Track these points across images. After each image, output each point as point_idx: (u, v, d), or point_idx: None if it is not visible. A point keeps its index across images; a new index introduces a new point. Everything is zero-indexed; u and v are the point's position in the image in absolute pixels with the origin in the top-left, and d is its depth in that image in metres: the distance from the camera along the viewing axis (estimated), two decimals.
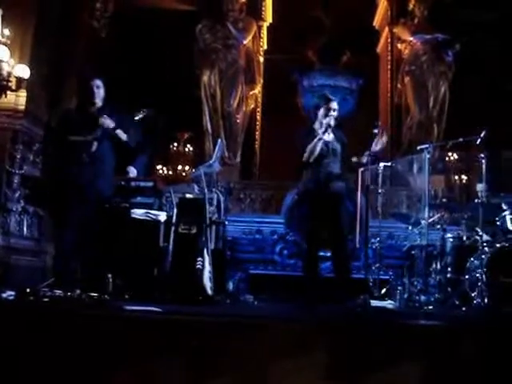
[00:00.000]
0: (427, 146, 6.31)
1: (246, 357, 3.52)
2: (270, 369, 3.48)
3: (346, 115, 5.85)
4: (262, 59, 10.67)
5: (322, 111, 6.06)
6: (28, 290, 4.97)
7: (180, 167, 11.43)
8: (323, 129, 5.96)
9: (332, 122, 5.98)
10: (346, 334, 3.66)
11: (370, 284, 6.78)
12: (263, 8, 10.68)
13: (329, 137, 6.01)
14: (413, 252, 6.75)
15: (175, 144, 11.67)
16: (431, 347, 3.55)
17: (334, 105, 6.06)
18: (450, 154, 9.76)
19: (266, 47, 10.86)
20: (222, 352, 3.54)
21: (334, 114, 6.02)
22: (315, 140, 5.92)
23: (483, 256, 6.11)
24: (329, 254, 6.07)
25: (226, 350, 3.56)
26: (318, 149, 5.91)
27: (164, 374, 3.48)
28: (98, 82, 5.93)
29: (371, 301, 5.74)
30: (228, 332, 3.66)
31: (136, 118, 5.99)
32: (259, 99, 10.57)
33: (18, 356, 3.51)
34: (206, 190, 6.29)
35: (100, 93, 5.91)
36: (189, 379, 3.48)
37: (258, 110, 10.58)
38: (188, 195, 6.45)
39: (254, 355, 3.53)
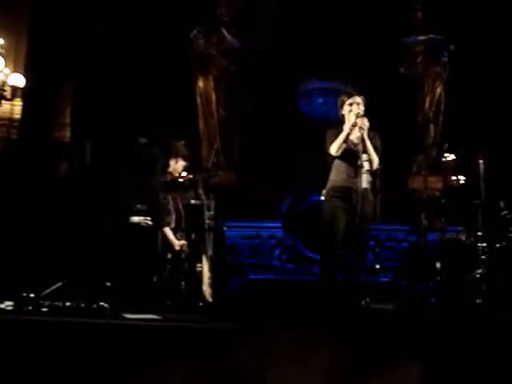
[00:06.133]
0: (424, 147, 6.31)
1: (246, 362, 3.51)
2: (269, 373, 3.47)
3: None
4: (257, 63, 10.63)
5: (345, 108, 5.63)
6: (27, 300, 4.95)
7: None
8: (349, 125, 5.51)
9: (359, 120, 5.46)
10: (345, 337, 3.64)
11: (370, 286, 6.78)
12: (257, 12, 10.64)
13: (354, 136, 5.56)
14: (412, 253, 6.73)
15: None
16: (431, 348, 3.54)
17: (356, 99, 5.61)
18: (446, 154, 9.76)
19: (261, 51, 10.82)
20: (222, 358, 3.52)
21: (358, 108, 5.54)
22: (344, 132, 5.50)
23: (483, 256, 6.11)
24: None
25: (226, 356, 3.54)
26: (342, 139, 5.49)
27: (164, 381, 3.46)
28: None
29: (372, 303, 5.73)
30: (228, 338, 3.65)
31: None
32: (255, 103, 10.53)
33: (17, 365, 3.49)
34: (203, 196, 6.28)
35: None
36: None
37: (255, 114, 10.54)
38: (186, 201, 6.44)
39: (253, 361, 3.51)
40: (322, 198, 5.71)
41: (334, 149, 5.54)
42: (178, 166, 6.48)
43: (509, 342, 3.53)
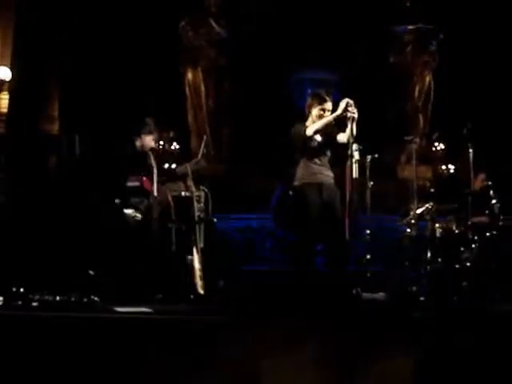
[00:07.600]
0: (413, 136, 6.30)
1: (239, 354, 3.51)
2: (262, 364, 3.47)
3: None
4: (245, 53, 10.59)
5: (315, 111, 5.69)
6: (17, 295, 4.92)
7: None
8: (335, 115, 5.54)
9: (350, 109, 5.45)
10: (337, 328, 3.64)
11: (361, 276, 6.78)
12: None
13: (320, 139, 5.69)
14: (403, 243, 6.74)
15: (161, 142, 11.58)
16: (423, 337, 3.55)
17: (329, 105, 5.66)
18: (436, 144, 9.78)
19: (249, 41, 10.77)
20: (214, 350, 3.52)
21: (328, 114, 5.61)
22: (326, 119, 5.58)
23: (473, 245, 6.12)
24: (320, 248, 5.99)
25: (219, 347, 3.54)
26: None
27: (156, 374, 3.46)
28: None
29: (363, 293, 5.73)
30: (220, 330, 3.64)
31: None
32: (243, 94, 10.50)
33: (7, 360, 3.48)
34: (193, 188, 6.25)
35: None
36: (180, 378, 3.46)
37: (244, 105, 10.50)
38: (175, 193, 6.41)
39: (246, 352, 3.51)
40: (291, 193, 5.83)
41: (312, 130, 5.61)
42: (147, 140, 6.44)
43: (500, 330, 3.55)
